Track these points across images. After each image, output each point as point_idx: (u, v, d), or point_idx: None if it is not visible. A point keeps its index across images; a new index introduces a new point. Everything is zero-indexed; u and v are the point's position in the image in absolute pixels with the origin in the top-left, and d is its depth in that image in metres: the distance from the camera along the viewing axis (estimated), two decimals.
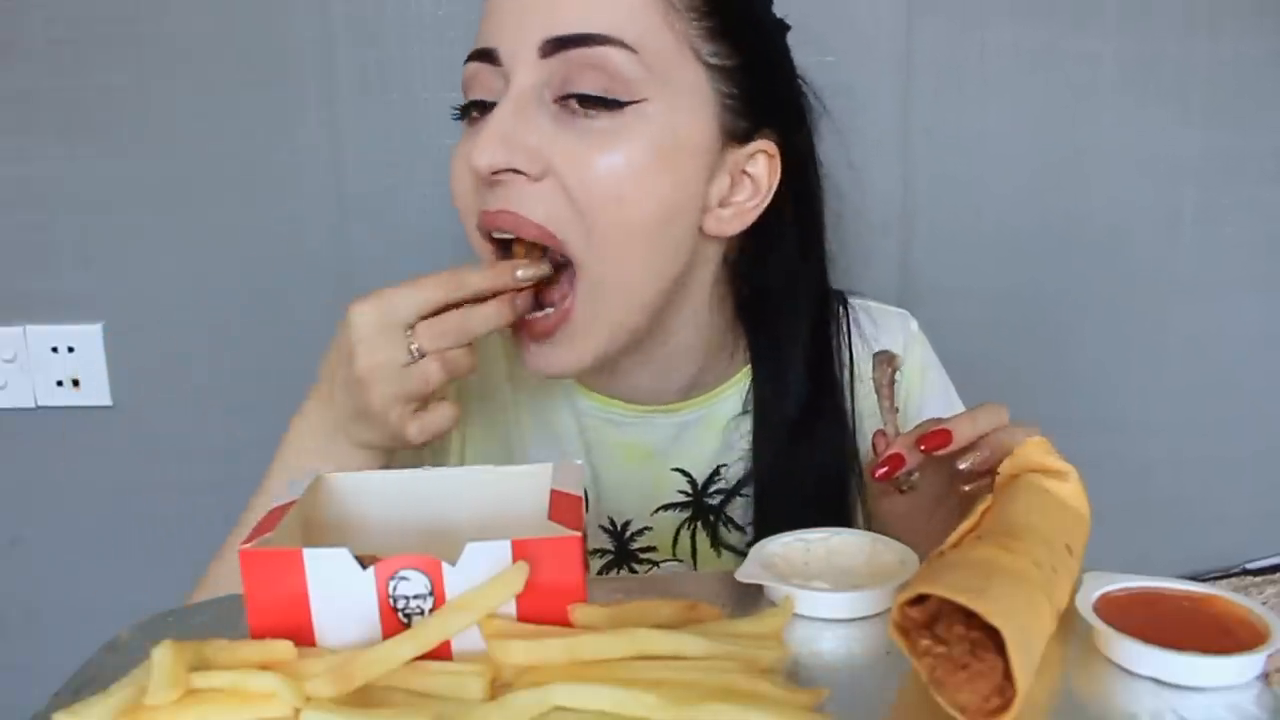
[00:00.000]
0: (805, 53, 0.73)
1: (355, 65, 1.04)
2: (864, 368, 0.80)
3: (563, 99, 0.65)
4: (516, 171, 0.65)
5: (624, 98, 0.65)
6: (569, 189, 0.65)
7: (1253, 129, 1.06)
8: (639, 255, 0.68)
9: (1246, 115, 1.06)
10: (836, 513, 0.78)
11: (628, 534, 0.81)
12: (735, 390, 0.80)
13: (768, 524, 0.77)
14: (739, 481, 0.80)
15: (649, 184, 0.66)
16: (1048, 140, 1.06)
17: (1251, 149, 1.06)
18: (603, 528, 0.81)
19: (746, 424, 0.79)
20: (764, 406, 0.79)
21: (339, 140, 1.05)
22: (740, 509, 0.80)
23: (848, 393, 0.80)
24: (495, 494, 0.56)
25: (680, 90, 0.67)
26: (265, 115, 1.05)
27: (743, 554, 0.78)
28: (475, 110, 0.69)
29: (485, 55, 0.67)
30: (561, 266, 0.68)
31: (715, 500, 0.80)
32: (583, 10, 0.65)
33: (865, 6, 1.03)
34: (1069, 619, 0.48)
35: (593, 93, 0.65)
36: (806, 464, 0.78)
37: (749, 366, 0.80)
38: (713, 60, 0.68)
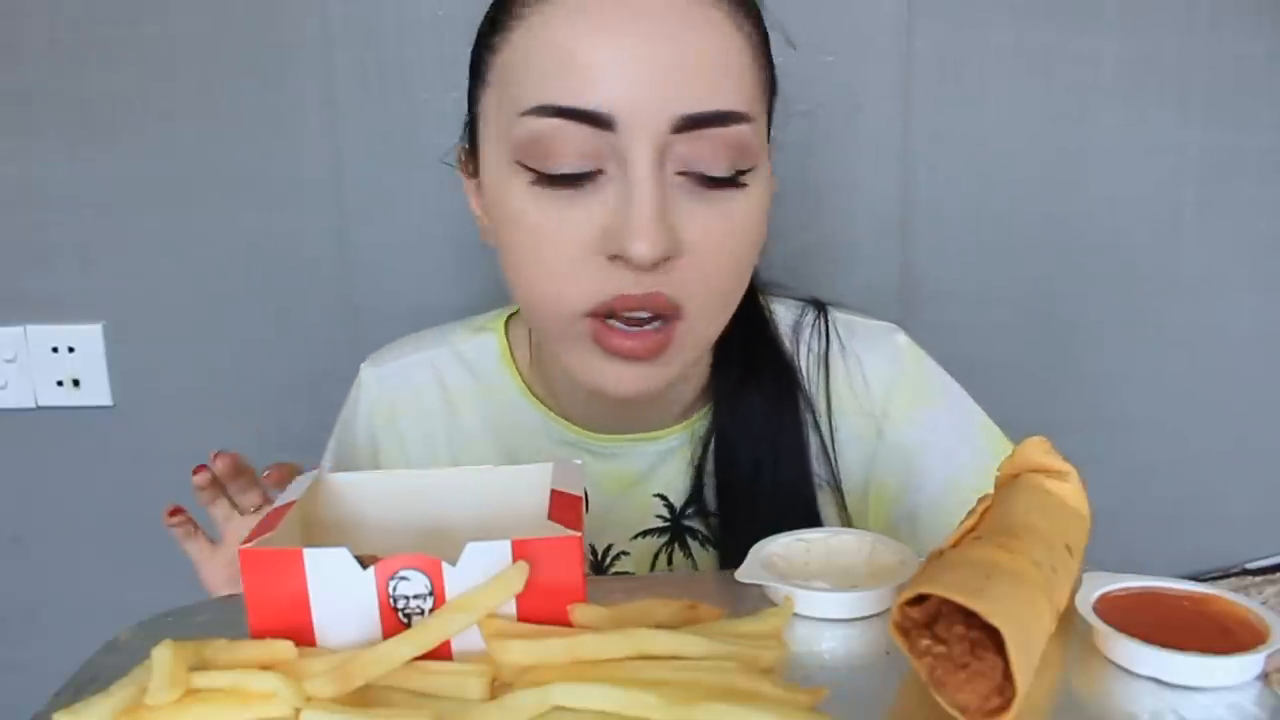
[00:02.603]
0: (805, 52, 0.73)
1: (355, 65, 1.04)
2: (839, 383, 0.78)
3: (685, 173, 0.63)
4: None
5: (745, 167, 0.64)
6: (699, 265, 0.64)
7: (1253, 128, 1.06)
8: (733, 304, 0.69)
9: (1246, 114, 1.06)
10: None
11: (606, 560, 0.79)
12: (707, 416, 0.78)
13: (734, 545, 0.72)
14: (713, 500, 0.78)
15: (758, 244, 0.68)
16: (1048, 140, 1.06)
17: (1251, 147, 1.06)
18: None
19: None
20: (724, 429, 0.77)
21: (339, 140, 1.05)
22: (714, 528, 0.78)
23: (823, 407, 0.77)
24: (495, 494, 0.56)
25: (766, 141, 0.68)
26: (265, 115, 1.05)
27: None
28: (565, 181, 0.63)
29: (591, 119, 0.61)
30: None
31: (693, 522, 0.79)
32: (714, 86, 0.62)
33: (865, 6, 1.03)
34: (1069, 619, 0.48)
35: (722, 173, 0.63)
36: (769, 483, 0.75)
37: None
38: (769, 105, 0.69)
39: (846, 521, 0.77)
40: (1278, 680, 0.45)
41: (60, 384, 1.11)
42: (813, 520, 0.76)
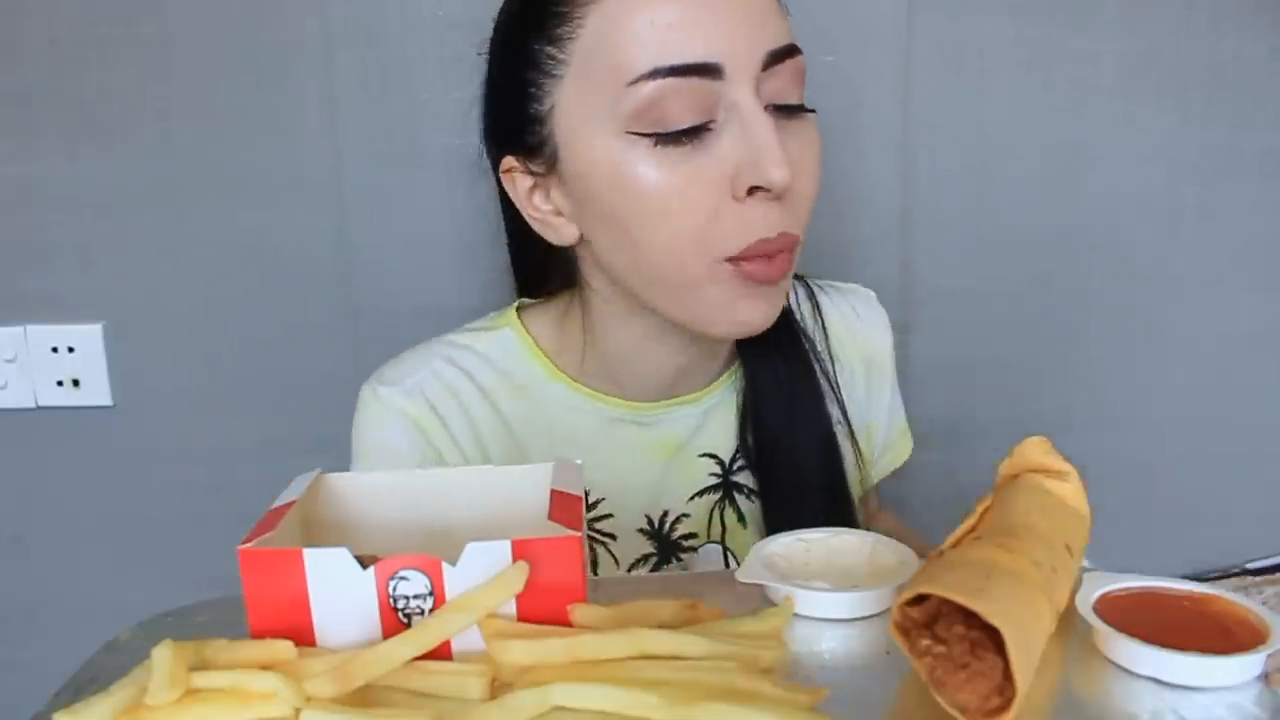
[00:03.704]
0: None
1: (355, 66, 1.04)
2: (839, 332, 0.85)
3: (769, 106, 0.67)
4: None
5: (803, 95, 0.70)
6: (800, 189, 0.69)
7: (1252, 127, 1.06)
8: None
9: (1246, 113, 1.06)
10: (833, 478, 0.82)
11: (667, 526, 0.81)
12: (739, 372, 0.83)
13: (774, 494, 0.81)
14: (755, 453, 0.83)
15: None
16: (1048, 138, 1.06)
17: (1251, 147, 1.06)
18: (640, 530, 0.80)
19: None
20: (758, 382, 0.82)
21: (339, 140, 1.05)
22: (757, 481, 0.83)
23: (829, 364, 0.84)
24: (495, 494, 0.56)
25: None
26: (265, 115, 1.05)
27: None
28: (686, 136, 0.66)
29: (702, 70, 0.65)
30: None
31: (739, 477, 0.82)
32: (782, 22, 0.69)
33: (866, 4, 1.03)
34: (1069, 619, 0.48)
35: (796, 102, 0.69)
36: (800, 429, 0.82)
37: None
38: None
39: (859, 459, 0.85)
40: (1278, 680, 0.45)
41: (60, 384, 1.11)
42: (836, 463, 0.83)
